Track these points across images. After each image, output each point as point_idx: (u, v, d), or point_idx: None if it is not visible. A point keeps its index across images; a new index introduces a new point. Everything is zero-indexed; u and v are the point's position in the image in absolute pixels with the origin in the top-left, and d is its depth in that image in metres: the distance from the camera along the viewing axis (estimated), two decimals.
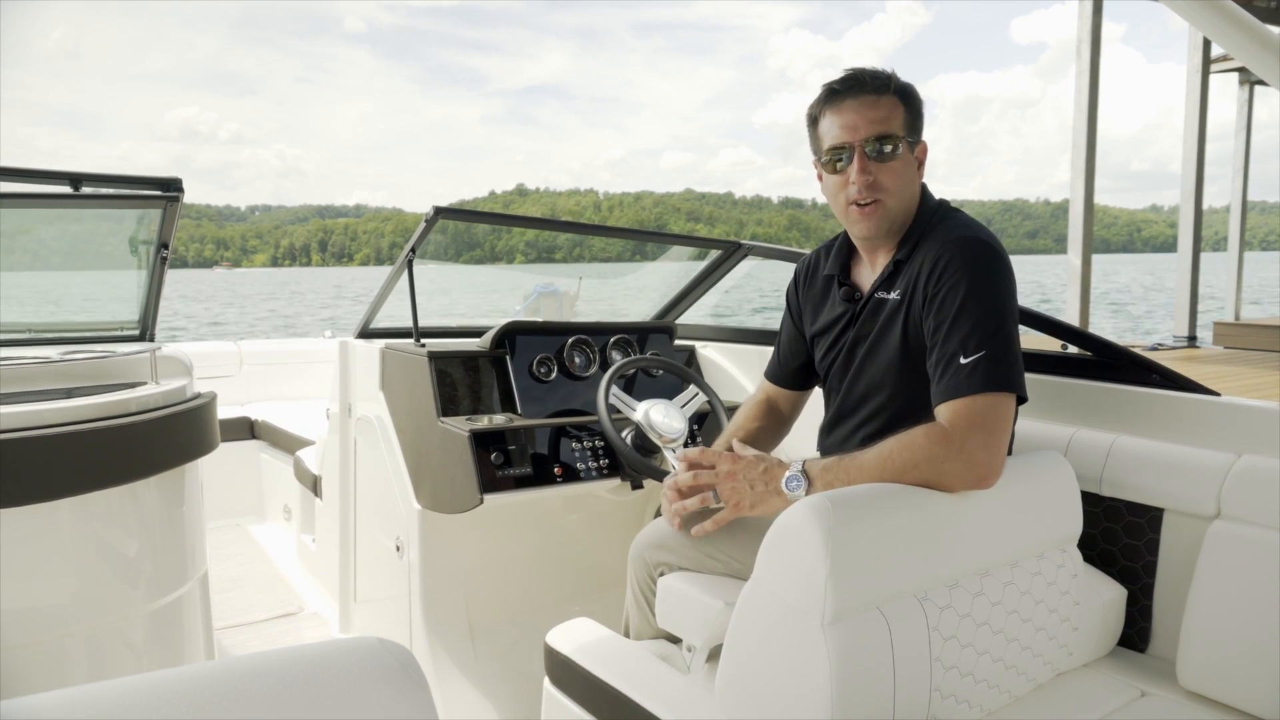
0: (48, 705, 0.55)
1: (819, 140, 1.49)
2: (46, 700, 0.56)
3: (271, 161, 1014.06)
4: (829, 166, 1.48)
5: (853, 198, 1.45)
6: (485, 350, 2.26)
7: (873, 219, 1.45)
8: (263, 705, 0.59)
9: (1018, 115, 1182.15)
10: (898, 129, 1.43)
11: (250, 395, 4.30)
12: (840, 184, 1.46)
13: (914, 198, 1.49)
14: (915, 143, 1.47)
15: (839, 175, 1.46)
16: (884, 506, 1.19)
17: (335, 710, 0.61)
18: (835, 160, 1.46)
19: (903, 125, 1.44)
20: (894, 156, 1.43)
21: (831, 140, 1.45)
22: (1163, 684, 1.46)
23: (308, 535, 3.28)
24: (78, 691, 0.57)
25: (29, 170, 2.02)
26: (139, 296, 2.47)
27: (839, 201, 1.48)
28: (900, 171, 1.44)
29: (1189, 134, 9.37)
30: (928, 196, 1.51)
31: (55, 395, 1.86)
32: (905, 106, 1.45)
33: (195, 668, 0.61)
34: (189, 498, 2.04)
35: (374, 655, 0.66)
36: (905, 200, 1.47)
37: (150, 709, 0.56)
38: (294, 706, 0.60)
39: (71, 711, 0.55)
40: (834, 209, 1.51)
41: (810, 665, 1.09)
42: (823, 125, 1.48)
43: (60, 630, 1.77)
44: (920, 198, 1.50)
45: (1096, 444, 1.65)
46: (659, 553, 1.59)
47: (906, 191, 1.46)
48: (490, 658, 2.22)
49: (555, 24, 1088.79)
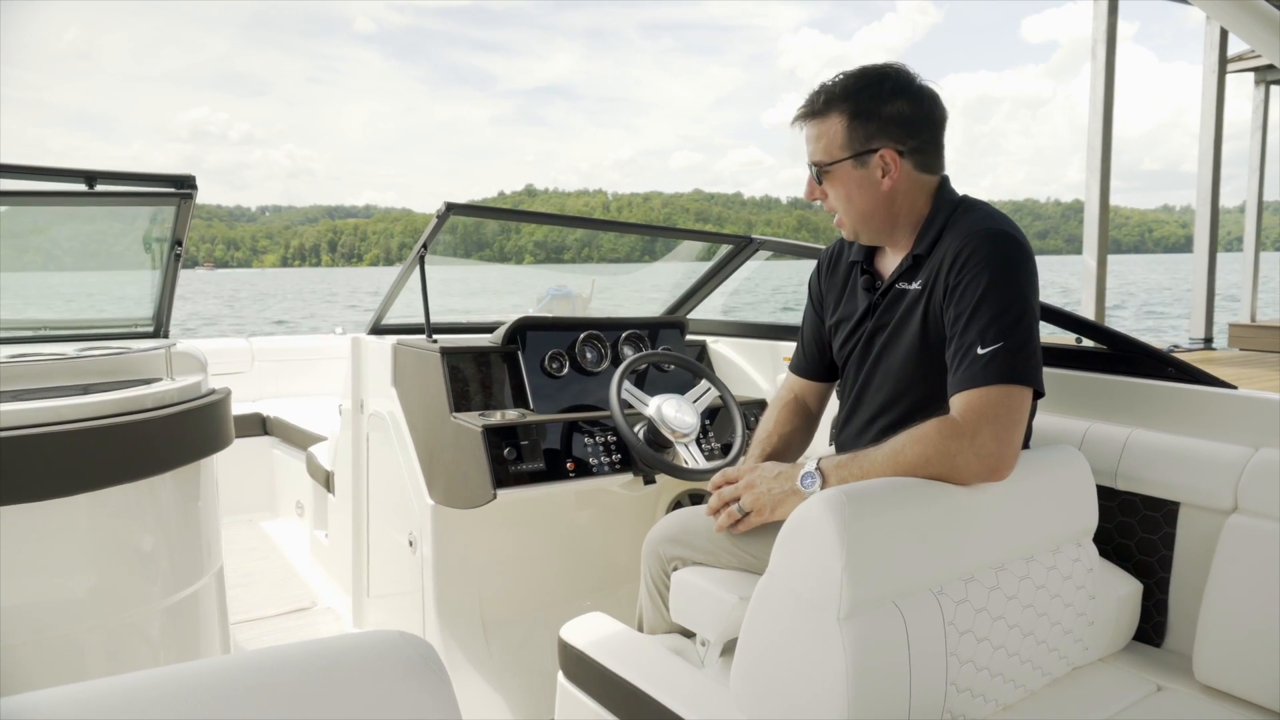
0: (72, 697, 0.55)
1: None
2: (73, 692, 0.56)
3: (281, 162, 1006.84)
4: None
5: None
6: (497, 346, 2.26)
7: (844, 229, 1.54)
8: (288, 698, 0.60)
9: (1029, 115, 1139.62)
10: (835, 151, 1.45)
11: (262, 391, 4.33)
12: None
13: (880, 203, 1.46)
14: (867, 154, 1.43)
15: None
16: (899, 500, 1.19)
17: (359, 703, 0.61)
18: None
19: (842, 144, 1.44)
20: (832, 177, 1.47)
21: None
22: (1179, 678, 1.46)
23: (320, 530, 3.30)
24: (103, 684, 0.57)
25: (45, 168, 2.04)
26: (152, 294, 2.49)
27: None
28: (841, 191, 1.48)
29: (1205, 134, 9.29)
30: (947, 191, 1.49)
31: (72, 391, 1.87)
32: (850, 119, 1.43)
33: (220, 660, 0.61)
34: (204, 493, 2.05)
35: (396, 649, 0.66)
36: (862, 211, 1.48)
37: (179, 702, 0.56)
38: (318, 699, 0.60)
39: (100, 705, 0.55)
40: None
41: (826, 659, 1.09)
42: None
43: (78, 624, 1.78)
44: (938, 192, 1.48)
45: (1112, 438, 1.64)
46: (673, 547, 1.59)
47: (857, 205, 1.47)
48: (503, 652, 2.23)
49: (564, 24, 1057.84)
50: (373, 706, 0.62)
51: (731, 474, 1.52)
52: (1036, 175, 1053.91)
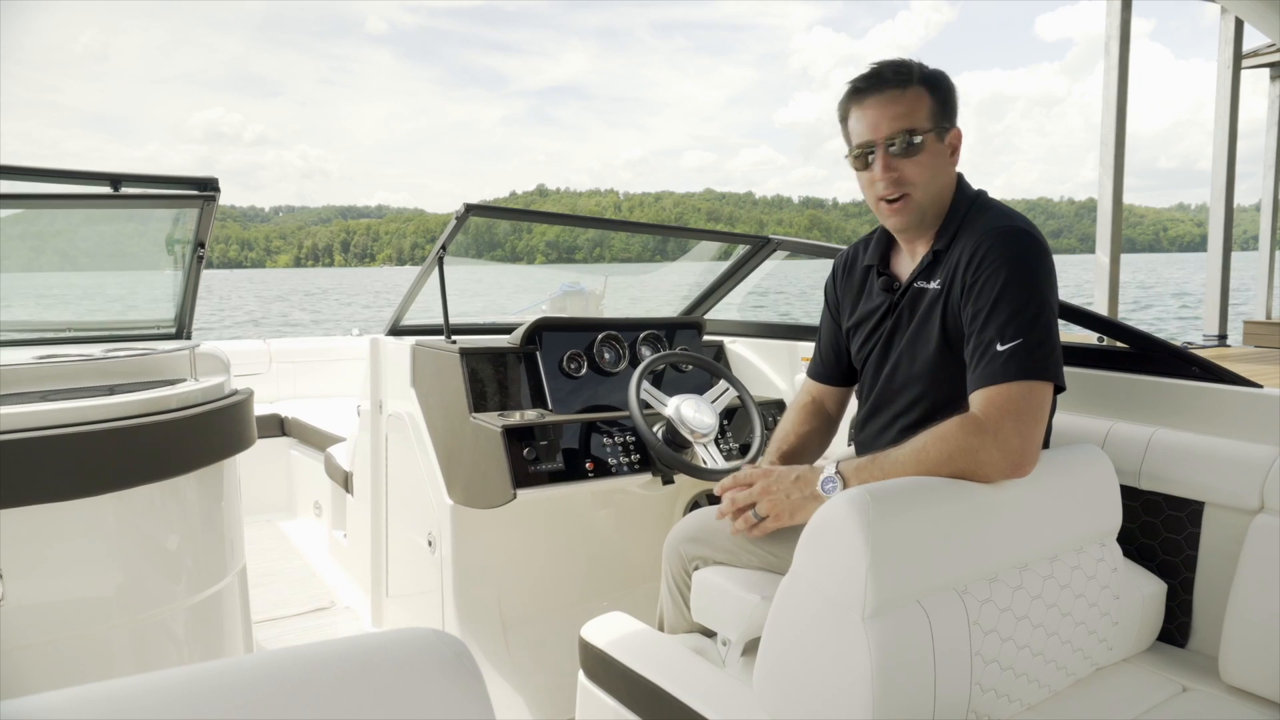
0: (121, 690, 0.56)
1: (849, 137, 1.51)
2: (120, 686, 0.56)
3: (295, 163, 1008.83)
4: (858, 163, 1.49)
5: (880, 194, 1.46)
6: (516, 346, 2.27)
7: (902, 214, 1.46)
8: (325, 696, 0.60)
9: (1043, 113, 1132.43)
10: (922, 121, 1.42)
11: (280, 393, 4.36)
12: (869, 180, 1.48)
13: (946, 186, 1.48)
14: (946, 129, 1.46)
15: (868, 171, 1.47)
16: (922, 499, 1.19)
17: (397, 701, 0.62)
18: (861, 158, 1.48)
19: (928, 116, 1.43)
20: (920, 149, 1.42)
21: (858, 138, 1.47)
22: (1204, 679, 1.45)
23: (339, 531, 3.32)
24: (146, 679, 0.57)
25: (71, 171, 2.07)
26: (175, 295, 2.52)
27: (870, 197, 1.50)
28: (927, 164, 1.44)
29: (1219, 131, 9.21)
30: (965, 186, 1.50)
31: (98, 392, 1.90)
32: (932, 95, 1.44)
33: (255, 657, 0.61)
34: (227, 493, 2.07)
35: (432, 647, 0.66)
36: (935, 191, 1.46)
37: (218, 700, 0.57)
38: (355, 697, 0.61)
39: (144, 697, 0.56)
40: (868, 203, 1.53)
41: (850, 659, 1.09)
42: (850, 123, 1.49)
43: (106, 622, 1.80)
44: (957, 186, 1.49)
45: (1135, 437, 1.63)
46: (694, 546, 1.60)
47: (936, 183, 1.46)
48: (523, 652, 2.24)
49: (576, 24, 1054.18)
50: (410, 705, 0.62)
51: (743, 477, 1.50)
52: (1050, 174, 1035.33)
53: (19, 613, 1.66)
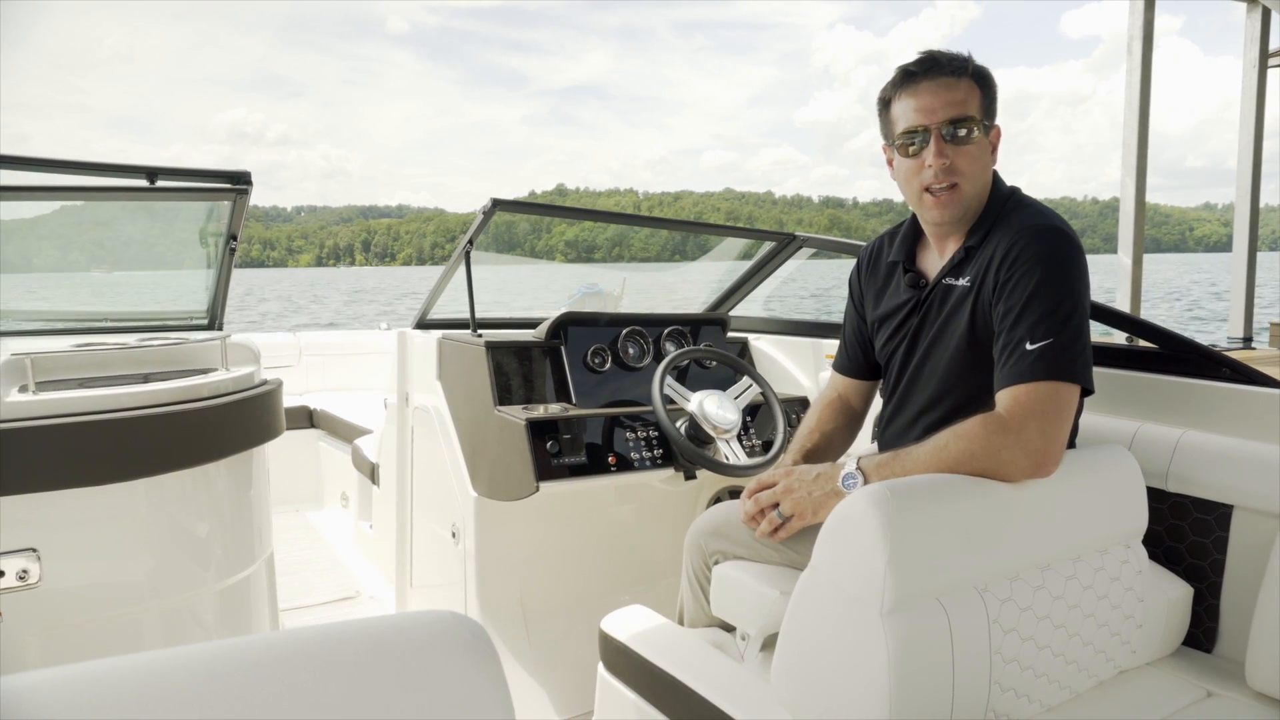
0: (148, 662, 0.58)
1: (891, 124, 1.46)
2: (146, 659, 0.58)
3: (317, 162, 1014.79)
4: (903, 150, 1.45)
5: (927, 182, 1.42)
6: (540, 341, 2.29)
7: (948, 205, 1.43)
8: (344, 673, 0.61)
9: (1068, 111, 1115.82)
10: (974, 112, 1.40)
11: (309, 385, 4.42)
12: (915, 169, 1.44)
13: (988, 183, 1.47)
14: (990, 126, 1.45)
15: (913, 160, 1.43)
16: (943, 496, 1.19)
17: (414, 679, 0.63)
18: (909, 144, 1.43)
19: (979, 108, 1.41)
20: (970, 140, 1.40)
21: (906, 123, 1.43)
22: (1230, 685, 1.43)
23: (365, 522, 3.36)
24: (171, 653, 0.59)
25: (108, 164, 2.11)
26: (207, 287, 2.56)
27: (913, 187, 1.45)
28: (976, 156, 1.42)
29: (1244, 129, 9.06)
30: (1000, 183, 1.49)
31: (133, 380, 1.94)
32: (981, 90, 1.42)
33: (277, 635, 0.63)
34: (256, 481, 2.10)
35: (449, 628, 0.68)
36: (980, 185, 1.45)
37: (238, 673, 0.58)
38: (373, 675, 0.62)
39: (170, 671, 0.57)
40: (906, 195, 1.48)
41: (868, 654, 1.09)
42: (896, 108, 1.45)
43: (137, 605, 1.84)
44: (993, 184, 1.48)
45: (1163, 439, 1.62)
46: (715, 540, 1.61)
47: (982, 176, 1.44)
48: (544, 644, 2.26)
49: (596, 24, 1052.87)
50: (427, 683, 0.63)
51: (766, 479, 1.50)
52: (1075, 173, 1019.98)
53: (55, 594, 1.70)
